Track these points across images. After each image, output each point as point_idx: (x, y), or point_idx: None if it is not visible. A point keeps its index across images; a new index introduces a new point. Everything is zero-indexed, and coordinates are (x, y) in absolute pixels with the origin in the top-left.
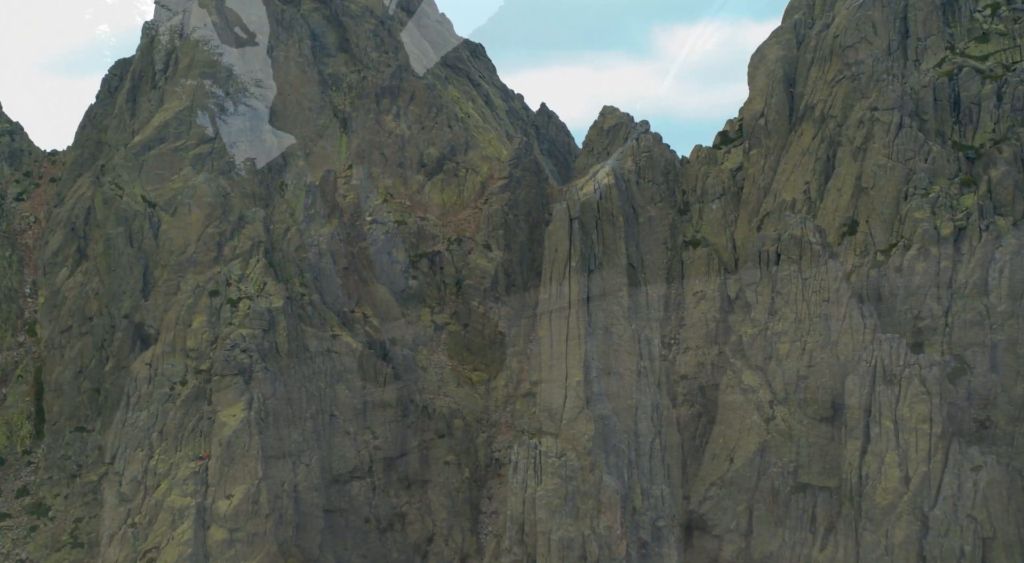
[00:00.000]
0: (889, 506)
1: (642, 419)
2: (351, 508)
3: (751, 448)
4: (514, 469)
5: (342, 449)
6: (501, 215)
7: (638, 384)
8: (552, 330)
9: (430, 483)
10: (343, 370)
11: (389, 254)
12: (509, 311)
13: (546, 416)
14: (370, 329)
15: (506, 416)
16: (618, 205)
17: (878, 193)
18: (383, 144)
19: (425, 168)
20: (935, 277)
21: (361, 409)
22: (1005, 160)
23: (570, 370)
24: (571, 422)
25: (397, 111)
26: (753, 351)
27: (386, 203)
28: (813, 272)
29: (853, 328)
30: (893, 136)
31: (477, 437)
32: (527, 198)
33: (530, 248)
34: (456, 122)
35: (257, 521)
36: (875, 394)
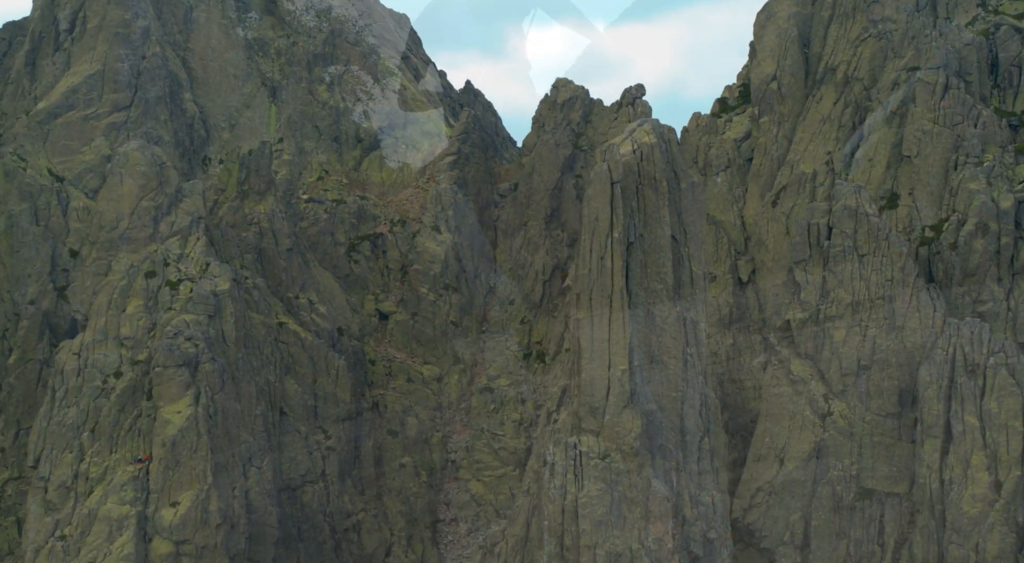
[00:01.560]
0: (979, 515)
1: (689, 415)
2: (304, 516)
3: (805, 448)
4: (551, 472)
5: (293, 451)
6: (450, 195)
7: (684, 374)
8: (593, 312)
9: (385, 488)
10: (292, 362)
11: (332, 235)
12: (461, 299)
13: (586, 411)
14: (317, 317)
15: (461, 414)
16: (661, 168)
17: (923, 162)
18: (316, 116)
19: (362, 143)
20: (995, 256)
21: (312, 406)
22: None
23: (613, 358)
24: (615, 418)
25: (331, 80)
26: (803, 338)
27: (322, 180)
28: (872, 248)
29: (922, 311)
30: (939, 98)
31: (431, 437)
32: (476, 177)
33: (481, 231)
34: (394, 94)
35: (206, 532)
36: (955, 386)
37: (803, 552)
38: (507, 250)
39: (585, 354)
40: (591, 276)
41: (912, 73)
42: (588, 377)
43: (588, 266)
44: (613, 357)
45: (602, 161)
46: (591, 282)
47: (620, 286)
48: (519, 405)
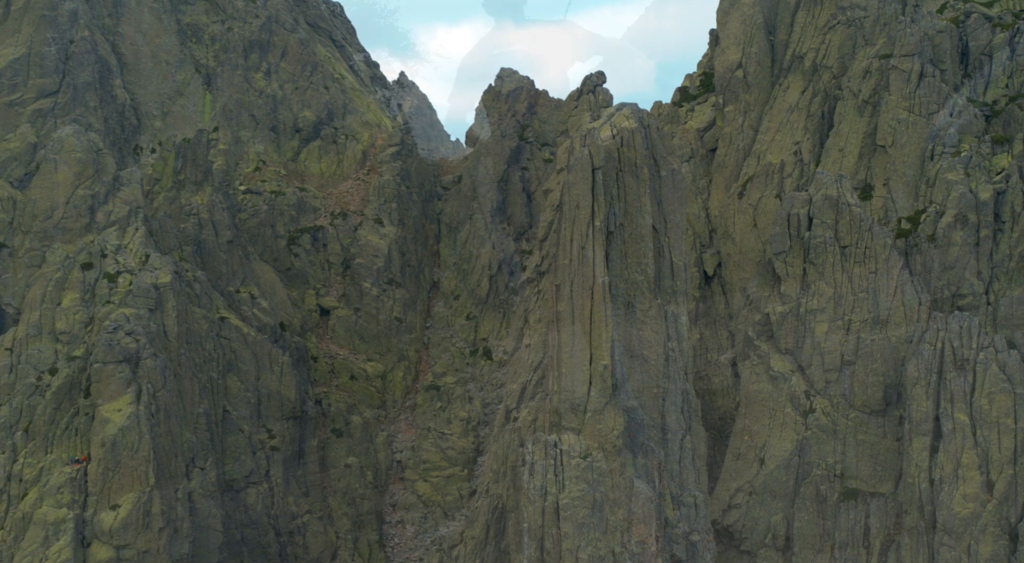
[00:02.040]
0: (971, 516)
1: (671, 412)
2: (248, 519)
3: (787, 447)
4: (530, 472)
5: (236, 450)
6: (394, 187)
7: (666, 369)
8: (573, 304)
9: (330, 489)
10: (235, 359)
11: (272, 227)
12: (405, 294)
13: (567, 407)
14: (259, 312)
15: (406, 412)
16: (642, 154)
17: (899, 152)
18: (252, 105)
19: (300, 133)
20: (974, 248)
21: (255, 404)
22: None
23: (595, 352)
24: (597, 415)
25: (268, 68)
26: (783, 332)
27: (259, 171)
28: (854, 239)
29: (907, 305)
30: (914, 86)
31: (376, 436)
32: (419, 169)
33: (424, 225)
34: (333, 83)
35: (148, 536)
36: (944, 382)
37: (785, 554)
38: (451, 244)
39: (565, 348)
40: (572, 267)
41: (884, 61)
42: (569, 372)
43: (569, 256)
44: (595, 351)
45: (582, 146)
46: (572, 273)
47: (602, 277)
48: (466, 403)
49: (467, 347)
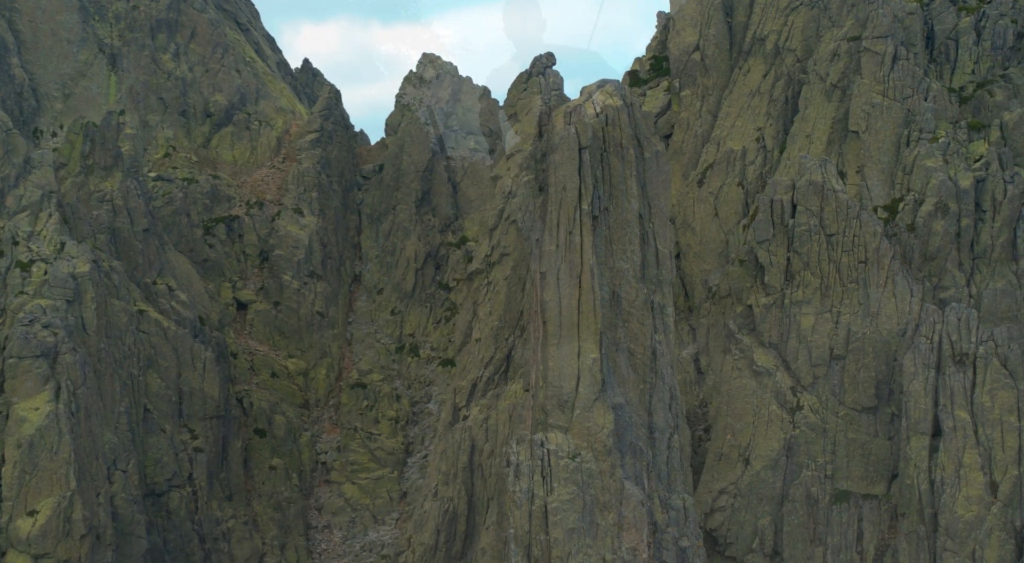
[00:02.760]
0: (975, 520)
1: (658, 409)
2: (170, 525)
3: (773, 447)
4: (515, 474)
5: (158, 452)
6: (314, 175)
7: (653, 364)
8: (560, 293)
9: (255, 492)
10: (154, 354)
11: (188, 216)
12: (327, 288)
13: (554, 404)
14: (178, 305)
15: (330, 411)
16: (628, 134)
17: (873, 138)
18: (161, 87)
19: (212, 118)
20: (955, 239)
21: (177, 402)
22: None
23: (583, 345)
24: (586, 412)
25: (176, 49)
26: (766, 325)
27: (169, 157)
28: (841, 227)
29: (898, 296)
30: (888, 69)
31: (300, 437)
32: (340, 157)
33: (345, 215)
34: (244, 66)
35: (69, 544)
36: (943, 378)
37: (774, 560)
38: (373, 236)
39: (552, 340)
40: (559, 253)
41: (854, 43)
42: (556, 366)
43: (555, 242)
44: (583, 344)
45: (567, 124)
46: (558, 260)
47: (591, 264)
48: (394, 402)
49: (393, 343)
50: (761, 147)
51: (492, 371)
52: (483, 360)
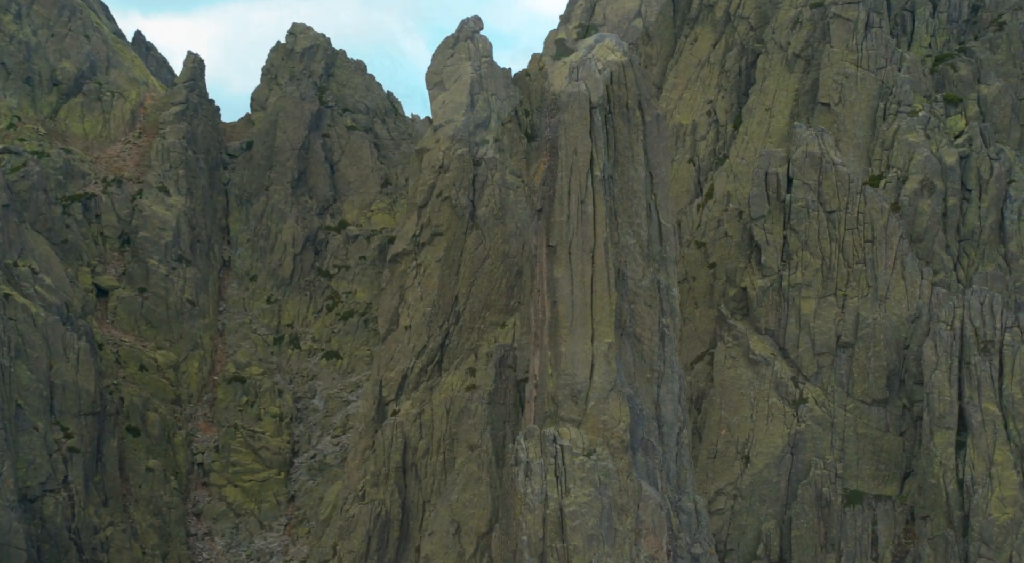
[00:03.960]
0: (1010, 523)
1: (667, 401)
2: (46, 533)
3: (777, 443)
4: (526, 473)
5: (31, 452)
6: (180, 151)
7: (661, 350)
8: (572, 270)
9: (132, 496)
10: (23, 343)
11: (46, 193)
12: (197, 273)
13: (566, 395)
14: (42, 289)
15: (204, 408)
16: (633, 93)
17: (847, 110)
18: (3, 52)
19: (59, 87)
20: (941, 219)
21: (48, 397)
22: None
23: (597, 328)
24: (601, 404)
25: (19, 10)
26: (762, 310)
27: (14, 128)
28: (843, 203)
29: (908, 278)
30: (860, 38)
31: (174, 436)
32: (205, 132)
33: (212, 196)
34: (93, 32)
35: None
36: (968, 368)
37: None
38: (243, 218)
39: (564, 323)
40: (570, 224)
41: (818, 10)
42: (568, 352)
43: (566, 212)
44: (597, 328)
45: (575, 80)
46: (570, 232)
47: (604, 237)
48: (276, 397)
49: (270, 334)
50: (713, 121)
51: (425, 361)
52: (414, 349)
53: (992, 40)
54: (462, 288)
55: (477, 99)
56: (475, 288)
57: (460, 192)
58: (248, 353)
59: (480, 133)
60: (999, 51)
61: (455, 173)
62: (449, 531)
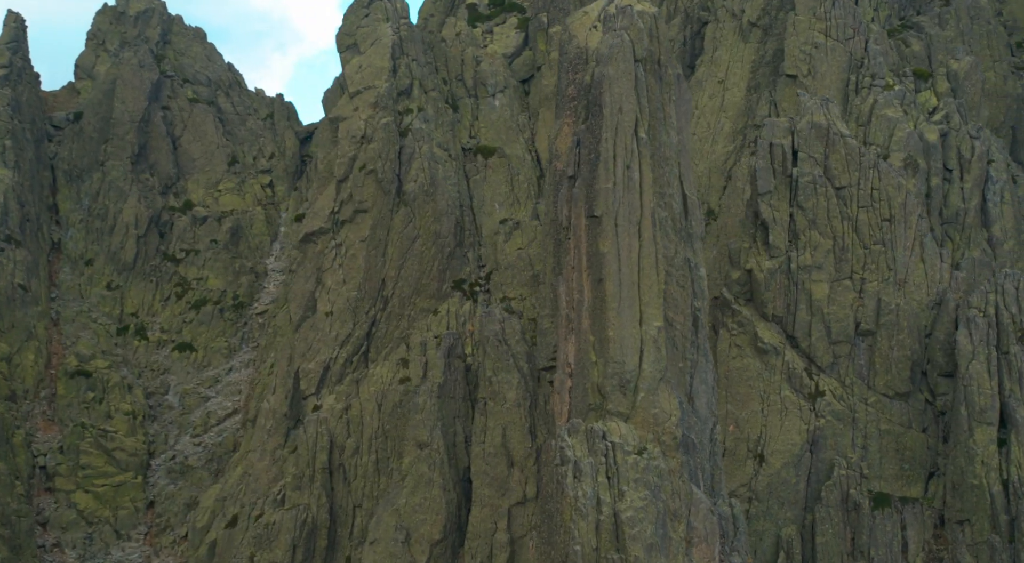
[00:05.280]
0: None
1: (700, 393)
2: None
3: (794, 440)
4: (575, 474)
5: None
6: (6, 120)
7: (694, 337)
8: (619, 243)
9: None
10: None
11: None
12: (28, 256)
13: (615, 385)
14: None
15: (42, 405)
16: (666, 48)
17: (818, 83)
18: None
19: None
20: (926, 200)
21: None
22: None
23: (646, 310)
24: (651, 395)
25: None
26: (770, 295)
27: None
28: (854, 178)
29: (927, 260)
30: (829, 6)
31: (12, 435)
32: (30, 100)
33: (38, 171)
34: None
35: None
36: (1006, 359)
37: None
38: (74, 197)
39: (611, 304)
40: (616, 192)
41: None
42: (617, 336)
43: (612, 178)
44: (645, 309)
45: (618, 30)
46: (616, 202)
47: (651, 207)
48: (127, 393)
49: (112, 324)
50: None
51: (350, 351)
52: (337, 338)
53: (941, 15)
54: (390, 271)
55: (399, 64)
56: (404, 271)
57: (386, 165)
58: (90, 344)
59: (403, 101)
60: (948, 27)
61: (380, 144)
62: (397, 539)
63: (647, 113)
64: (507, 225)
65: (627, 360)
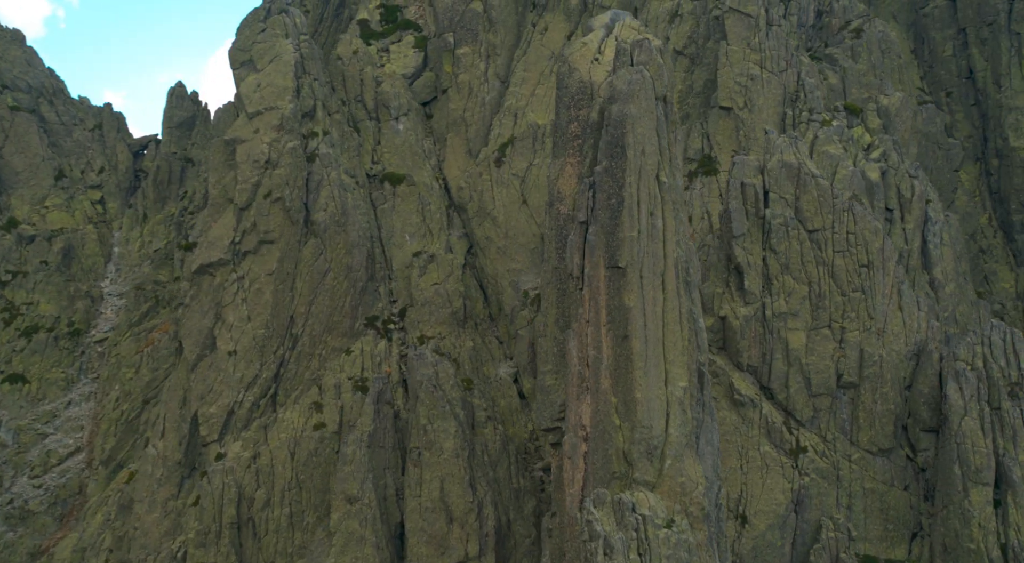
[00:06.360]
0: None
1: (707, 455)
2: None
3: (779, 499)
4: (606, 551)
5: None
6: None
7: (700, 394)
8: (644, 296)
9: None
10: None
11: None
12: None
13: (642, 451)
14: None
15: None
16: (668, 82)
17: (756, 117)
18: None
19: None
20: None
21: None
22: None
23: (671, 368)
24: (677, 463)
25: None
26: (746, 342)
27: None
28: (828, 221)
29: (905, 308)
30: (763, 36)
31: None
32: None
33: None
34: None
35: None
36: (999, 414)
37: None
38: None
39: (638, 363)
40: (641, 242)
41: (698, 2)
42: (644, 398)
43: (637, 226)
44: (670, 367)
45: (637, 64)
46: (641, 251)
47: (675, 256)
48: None
49: None
50: None
51: (257, 394)
52: (242, 380)
53: (853, 48)
54: (299, 307)
55: (302, 84)
56: (315, 307)
57: (294, 193)
58: None
59: (307, 124)
60: (860, 60)
61: (287, 170)
62: None
63: (667, 155)
64: (421, 258)
65: (654, 424)
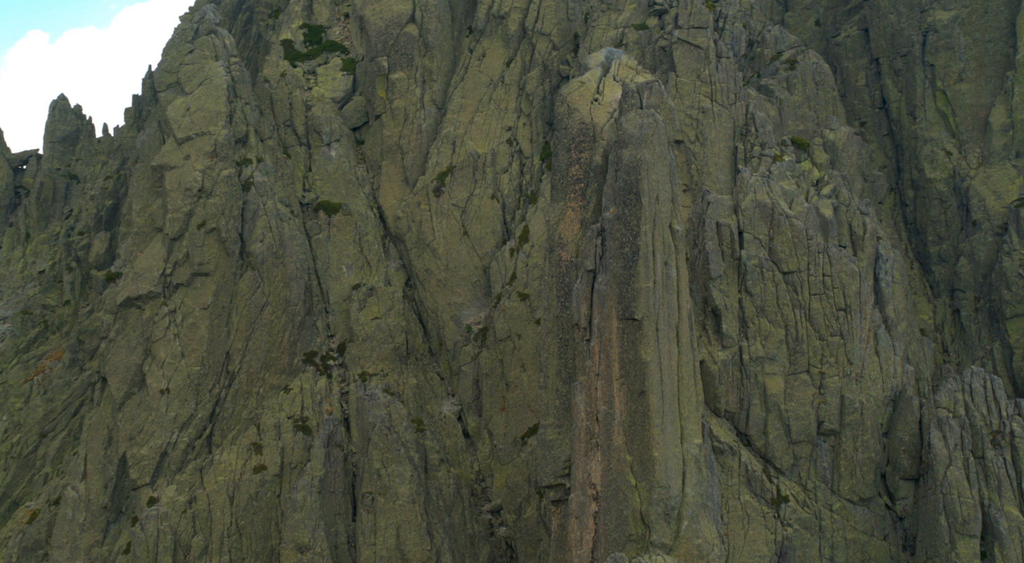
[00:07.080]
0: None
1: (714, 512)
2: None
3: (762, 551)
4: None
5: None
6: None
7: (705, 455)
8: (660, 350)
9: None
10: None
11: None
12: None
13: (660, 513)
14: None
15: None
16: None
17: (708, 151)
18: None
19: None
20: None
21: None
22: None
23: (686, 426)
24: (693, 524)
25: None
26: (724, 387)
27: None
28: (803, 262)
29: (882, 354)
30: (713, 68)
31: None
32: None
33: None
34: None
35: None
36: (983, 463)
37: None
38: None
39: (655, 420)
40: (656, 293)
41: (643, 32)
42: (662, 457)
43: (652, 276)
44: (685, 425)
45: (645, 109)
46: (656, 303)
47: (689, 308)
48: None
49: None
50: (516, 151)
51: (192, 434)
52: (175, 420)
53: (788, 79)
54: (236, 343)
55: (234, 108)
56: (252, 343)
57: (229, 223)
58: None
59: (240, 151)
60: (795, 92)
61: (222, 199)
62: None
63: (678, 203)
64: (360, 291)
65: (672, 484)
